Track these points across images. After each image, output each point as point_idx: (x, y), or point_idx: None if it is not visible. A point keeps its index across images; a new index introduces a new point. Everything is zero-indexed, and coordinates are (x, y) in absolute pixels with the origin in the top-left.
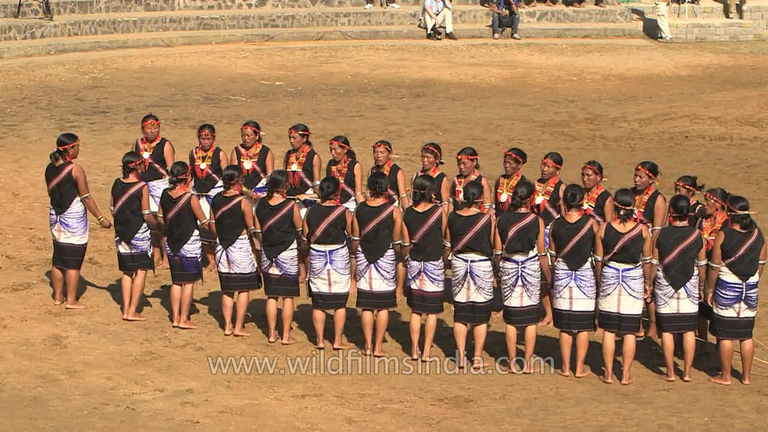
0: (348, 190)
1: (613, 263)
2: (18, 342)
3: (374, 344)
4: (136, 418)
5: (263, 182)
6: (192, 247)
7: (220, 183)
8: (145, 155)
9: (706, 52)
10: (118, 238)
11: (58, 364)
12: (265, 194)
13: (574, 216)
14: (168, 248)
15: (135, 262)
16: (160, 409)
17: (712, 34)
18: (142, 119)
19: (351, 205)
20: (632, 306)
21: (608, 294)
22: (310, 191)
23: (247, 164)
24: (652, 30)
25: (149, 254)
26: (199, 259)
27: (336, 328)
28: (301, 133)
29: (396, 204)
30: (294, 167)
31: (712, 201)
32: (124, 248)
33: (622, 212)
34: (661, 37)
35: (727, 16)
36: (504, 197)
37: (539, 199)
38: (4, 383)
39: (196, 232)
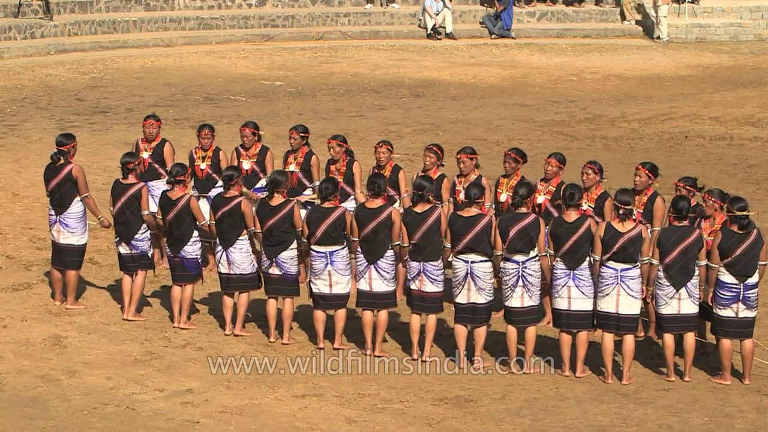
0: (347, 189)
1: (611, 263)
2: (18, 342)
3: (374, 344)
4: (136, 418)
5: (262, 182)
6: (192, 248)
7: (220, 183)
8: (145, 155)
9: (706, 52)
10: (118, 238)
11: (58, 364)
12: (264, 194)
13: (572, 215)
14: (168, 249)
15: (135, 263)
16: (160, 409)
17: (712, 34)
18: (143, 119)
19: (350, 204)
20: (630, 306)
21: (606, 294)
22: (308, 191)
23: (246, 164)
24: (648, 29)
25: (149, 254)
26: (200, 260)
27: (336, 328)
28: (302, 134)
29: (397, 204)
30: (292, 167)
31: (711, 202)
32: (124, 249)
33: (621, 211)
34: (658, 38)
35: (623, 20)
36: (504, 197)
37: (541, 199)
38: (4, 383)
39: (196, 233)
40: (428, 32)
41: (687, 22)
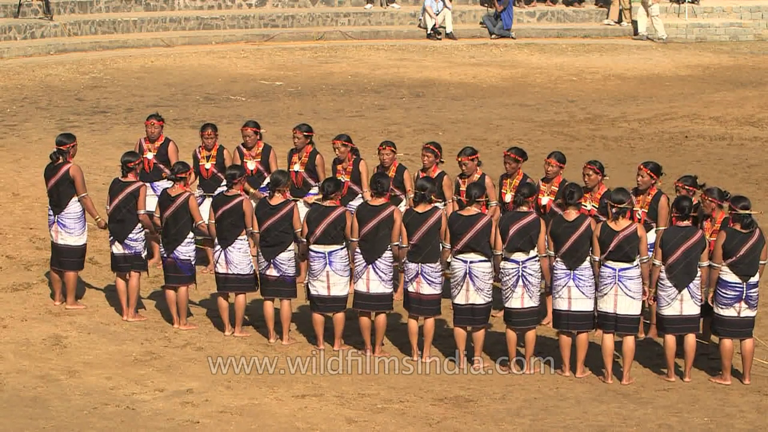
0: (355, 188)
1: (609, 263)
2: (18, 342)
3: (373, 347)
4: (136, 418)
5: (267, 181)
6: (186, 249)
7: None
8: (149, 156)
9: (706, 52)
10: (111, 237)
11: (58, 364)
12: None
13: (572, 214)
14: (162, 249)
15: (128, 263)
16: (160, 409)
17: (712, 34)
18: (146, 118)
19: (359, 203)
20: (629, 306)
21: (605, 294)
22: (314, 190)
23: (251, 165)
24: (634, 25)
25: (143, 256)
26: (193, 262)
27: (335, 331)
28: (305, 133)
29: (403, 204)
30: (297, 167)
31: (708, 201)
32: (117, 249)
33: (613, 210)
34: (661, 38)
35: (619, 22)
36: (508, 197)
37: (545, 200)
38: (4, 383)
39: (191, 234)
40: (428, 32)
41: (687, 22)
